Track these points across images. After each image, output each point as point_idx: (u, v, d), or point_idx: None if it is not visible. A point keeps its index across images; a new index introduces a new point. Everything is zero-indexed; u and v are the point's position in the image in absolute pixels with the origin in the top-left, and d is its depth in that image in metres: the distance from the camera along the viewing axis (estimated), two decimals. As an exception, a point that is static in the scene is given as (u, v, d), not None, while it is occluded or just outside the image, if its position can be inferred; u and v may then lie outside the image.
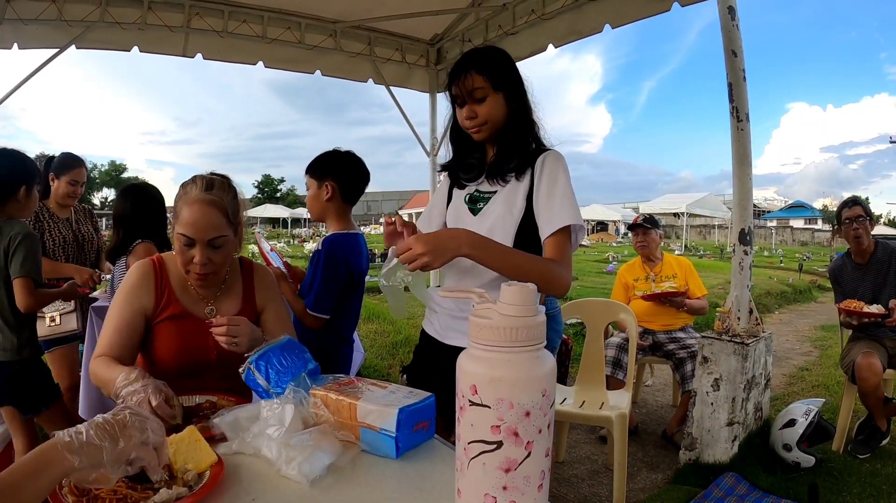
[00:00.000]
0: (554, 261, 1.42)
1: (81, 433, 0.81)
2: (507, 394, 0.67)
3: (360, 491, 0.98)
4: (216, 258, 1.45)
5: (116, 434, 0.83)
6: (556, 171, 1.49)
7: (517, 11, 4.22)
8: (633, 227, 3.87)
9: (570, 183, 1.50)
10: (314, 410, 1.17)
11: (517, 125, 1.54)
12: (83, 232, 3.01)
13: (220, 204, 1.44)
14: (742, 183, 2.94)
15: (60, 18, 3.62)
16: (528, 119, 1.56)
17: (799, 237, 38.13)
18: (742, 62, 2.90)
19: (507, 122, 1.54)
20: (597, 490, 2.81)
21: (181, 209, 1.42)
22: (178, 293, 1.50)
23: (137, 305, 1.46)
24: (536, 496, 0.71)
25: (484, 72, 1.48)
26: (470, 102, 1.51)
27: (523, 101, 1.55)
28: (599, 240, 32.35)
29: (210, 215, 1.41)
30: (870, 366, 2.94)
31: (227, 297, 1.57)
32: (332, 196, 2.13)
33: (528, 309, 0.69)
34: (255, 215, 39.26)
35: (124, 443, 0.83)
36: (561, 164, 1.51)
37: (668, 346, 3.53)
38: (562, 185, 1.47)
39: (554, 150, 1.55)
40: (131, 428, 0.86)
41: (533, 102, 1.58)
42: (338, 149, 2.19)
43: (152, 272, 1.50)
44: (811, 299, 10.82)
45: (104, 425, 0.83)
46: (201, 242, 1.41)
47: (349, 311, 2.19)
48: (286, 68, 4.64)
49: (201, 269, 1.44)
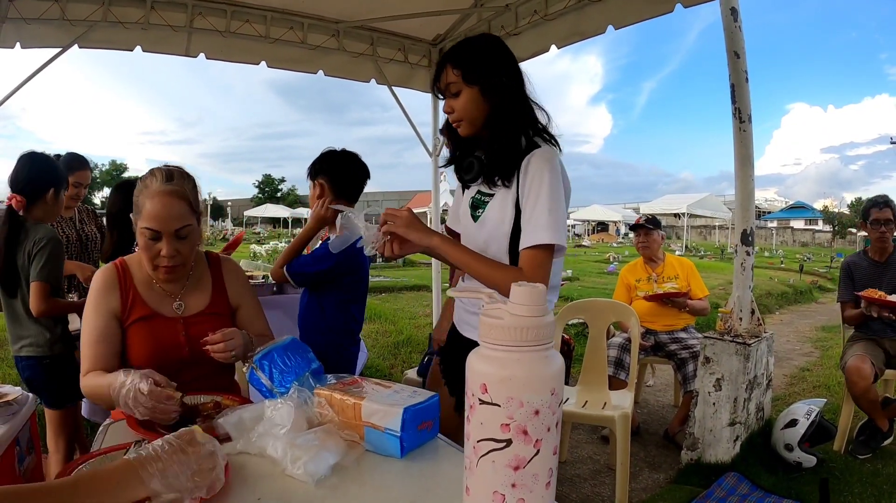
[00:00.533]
0: (522, 272, 1.35)
1: (159, 457, 0.81)
2: (516, 393, 0.67)
3: (366, 490, 0.98)
4: (183, 249, 1.44)
5: (189, 457, 0.84)
6: (540, 176, 1.36)
7: (520, 12, 4.21)
8: (636, 228, 3.87)
9: (558, 185, 1.37)
10: (319, 410, 1.17)
11: (501, 121, 1.42)
12: (86, 232, 3.02)
13: (182, 193, 1.43)
14: (744, 184, 2.94)
15: (63, 18, 3.62)
16: (516, 114, 1.42)
17: (800, 238, 38.14)
18: (744, 63, 2.89)
19: (490, 118, 1.43)
20: (599, 490, 2.82)
21: (143, 203, 1.40)
22: (143, 294, 1.48)
23: (106, 310, 1.44)
24: (544, 494, 0.71)
25: (457, 65, 1.41)
26: (447, 97, 1.46)
27: (507, 96, 1.42)
28: (600, 240, 32.37)
29: (174, 206, 1.40)
30: (858, 371, 2.96)
31: (195, 291, 1.55)
32: (322, 193, 2.12)
33: (538, 309, 0.69)
34: (255, 215, 39.34)
35: (197, 465, 0.84)
36: (547, 166, 1.37)
37: (670, 347, 3.53)
38: (545, 193, 1.35)
39: (541, 150, 1.41)
40: (201, 446, 0.87)
41: (532, 95, 1.47)
42: (334, 149, 2.19)
43: (115, 276, 1.48)
44: (812, 300, 10.82)
45: (176, 446, 0.84)
46: (168, 234, 1.40)
47: (354, 311, 2.19)
48: (289, 68, 4.64)
49: (170, 262, 1.42)
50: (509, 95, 1.42)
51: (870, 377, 2.94)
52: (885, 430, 3.07)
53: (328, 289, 2.12)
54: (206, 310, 1.54)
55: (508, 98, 1.42)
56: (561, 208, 1.37)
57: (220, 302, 1.58)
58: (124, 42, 3.93)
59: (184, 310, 1.51)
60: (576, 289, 8.89)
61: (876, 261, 3.26)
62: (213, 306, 1.56)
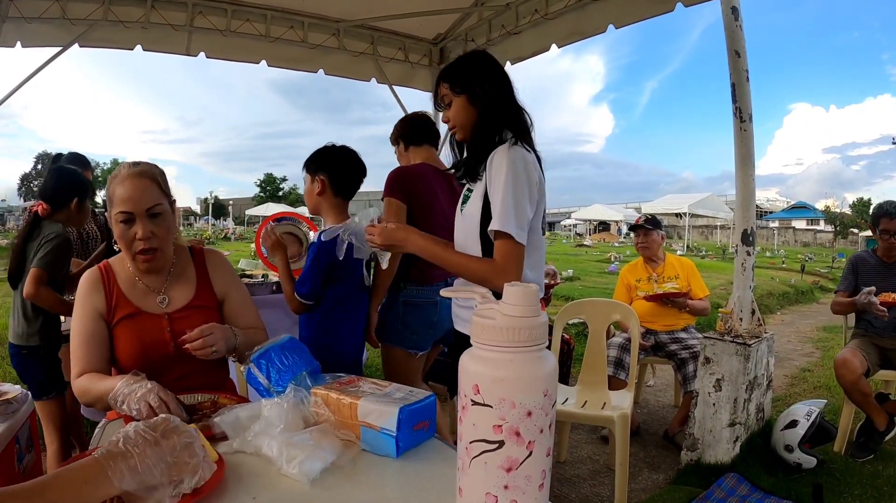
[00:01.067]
0: (493, 262, 1.48)
1: (130, 453, 0.79)
2: (509, 394, 0.67)
3: (361, 490, 0.98)
4: (158, 231, 1.45)
5: (163, 449, 0.82)
6: (499, 169, 1.47)
7: (520, 11, 4.21)
8: (635, 228, 3.86)
9: (515, 178, 1.45)
10: (315, 409, 1.17)
11: (483, 123, 1.58)
12: (87, 230, 3.02)
13: (150, 174, 1.46)
14: (745, 184, 2.93)
15: (64, 17, 3.63)
16: (500, 117, 1.56)
17: (801, 238, 38.09)
18: (745, 62, 2.89)
19: (477, 123, 1.59)
20: (598, 490, 2.81)
21: (115, 191, 1.43)
22: (126, 292, 1.49)
23: (92, 310, 1.45)
24: (537, 495, 0.71)
25: (447, 79, 1.60)
26: (444, 109, 1.64)
27: (491, 101, 1.57)
28: (601, 240, 32.34)
29: (144, 186, 1.43)
30: (844, 363, 3.00)
31: (179, 284, 1.55)
32: (324, 190, 2.12)
33: (531, 309, 0.69)
34: (257, 214, 39.28)
35: (172, 457, 0.82)
36: (506, 159, 1.46)
37: (670, 347, 3.53)
38: (501, 185, 1.45)
39: (504, 146, 1.50)
40: (173, 433, 0.85)
41: (519, 100, 1.62)
42: (333, 144, 2.19)
43: (99, 277, 1.49)
44: (813, 300, 10.80)
45: (144, 434, 0.82)
46: (140, 215, 1.42)
47: (351, 309, 2.17)
48: (289, 67, 4.64)
49: (146, 244, 1.43)
50: (493, 101, 1.57)
51: (858, 370, 2.96)
52: (883, 429, 3.05)
53: (326, 287, 2.11)
54: (192, 303, 1.53)
55: (492, 103, 1.57)
56: (515, 199, 1.45)
57: (205, 294, 1.57)
58: (124, 41, 3.94)
59: (168, 305, 1.51)
60: (576, 288, 8.89)
61: (885, 261, 3.29)
62: (198, 299, 1.55)
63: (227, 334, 1.44)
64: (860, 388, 2.98)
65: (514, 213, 1.44)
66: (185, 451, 0.86)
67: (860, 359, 3.00)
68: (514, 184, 1.45)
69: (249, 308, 1.64)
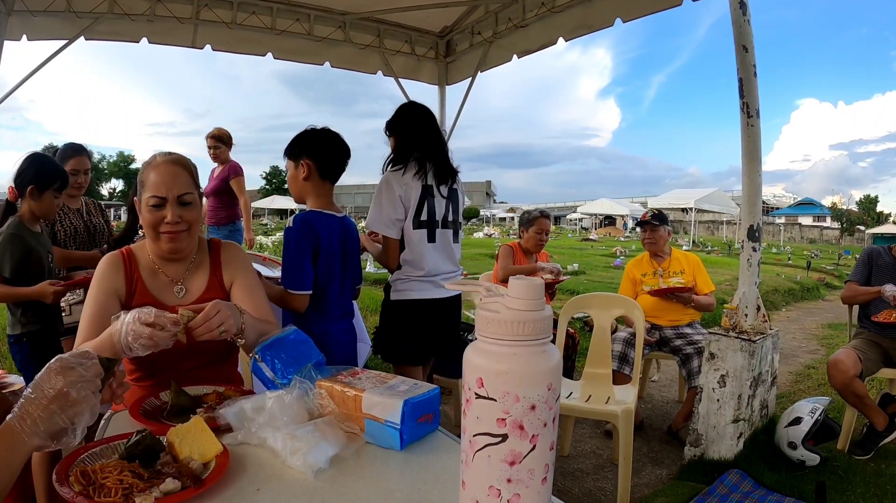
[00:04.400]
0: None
1: (29, 412, 0.82)
2: (512, 388, 0.67)
3: (365, 482, 0.98)
4: (187, 216, 1.49)
5: (59, 397, 0.83)
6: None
7: (527, 4, 4.19)
8: (642, 224, 3.84)
9: (381, 194, 2.32)
10: (319, 401, 1.18)
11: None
12: (94, 222, 3.03)
13: (184, 163, 1.53)
14: (751, 179, 2.91)
15: (69, 10, 3.63)
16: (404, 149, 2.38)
17: (807, 234, 37.92)
18: (753, 57, 2.87)
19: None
20: (602, 484, 2.82)
21: (148, 176, 1.48)
22: (147, 280, 1.52)
23: (111, 289, 1.47)
24: (540, 489, 0.71)
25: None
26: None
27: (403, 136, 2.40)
28: (607, 234, 32.25)
29: (176, 172, 1.49)
30: (835, 364, 2.99)
31: (195, 276, 1.59)
32: (309, 174, 2.07)
33: (535, 303, 0.69)
34: (262, 206, 39.38)
35: (67, 400, 0.83)
36: (381, 179, 2.36)
37: (675, 342, 3.52)
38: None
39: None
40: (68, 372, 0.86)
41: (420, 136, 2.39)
42: (313, 126, 2.13)
43: (121, 261, 1.51)
44: (819, 297, 10.75)
45: (48, 394, 0.83)
46: (171, 200, 1.46)
47: (333, 292, 2.12)
48: (295, 60, 4.63)
49: (174, 227, 1.46)
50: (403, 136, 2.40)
51: (850, 371, 2.93)
52: (882, 429, 3.03)
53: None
54: (204, 294, 1.55)
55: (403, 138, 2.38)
56: (377, 207, 2.32)
57: (216, 284, 1.59)
58: (130, 34, 3.94)
59: (184, 296, 1.53)
60: (582, 283, 8.87)
61: None
62: (210, 290, 1.57)
63: (233, 309, 1.40)
64: (853, 390, 2.96)
65: (374, 216, 2.37)
66: (82, 387, 0.86)
67: (854, 360, 2.97)
68: (377, 197, 2.35)
69: (255, 293, 1.61)
